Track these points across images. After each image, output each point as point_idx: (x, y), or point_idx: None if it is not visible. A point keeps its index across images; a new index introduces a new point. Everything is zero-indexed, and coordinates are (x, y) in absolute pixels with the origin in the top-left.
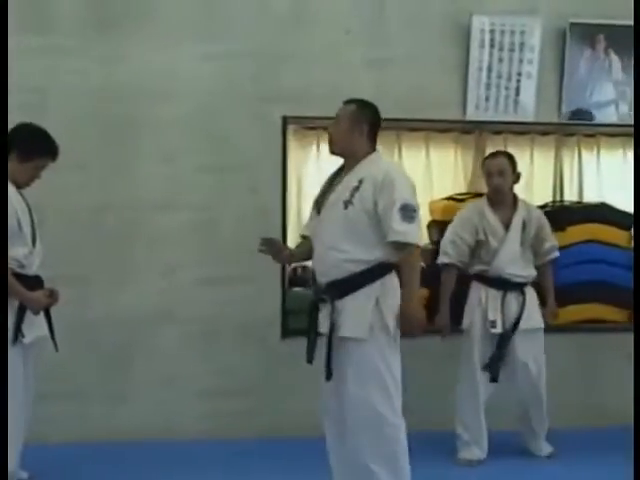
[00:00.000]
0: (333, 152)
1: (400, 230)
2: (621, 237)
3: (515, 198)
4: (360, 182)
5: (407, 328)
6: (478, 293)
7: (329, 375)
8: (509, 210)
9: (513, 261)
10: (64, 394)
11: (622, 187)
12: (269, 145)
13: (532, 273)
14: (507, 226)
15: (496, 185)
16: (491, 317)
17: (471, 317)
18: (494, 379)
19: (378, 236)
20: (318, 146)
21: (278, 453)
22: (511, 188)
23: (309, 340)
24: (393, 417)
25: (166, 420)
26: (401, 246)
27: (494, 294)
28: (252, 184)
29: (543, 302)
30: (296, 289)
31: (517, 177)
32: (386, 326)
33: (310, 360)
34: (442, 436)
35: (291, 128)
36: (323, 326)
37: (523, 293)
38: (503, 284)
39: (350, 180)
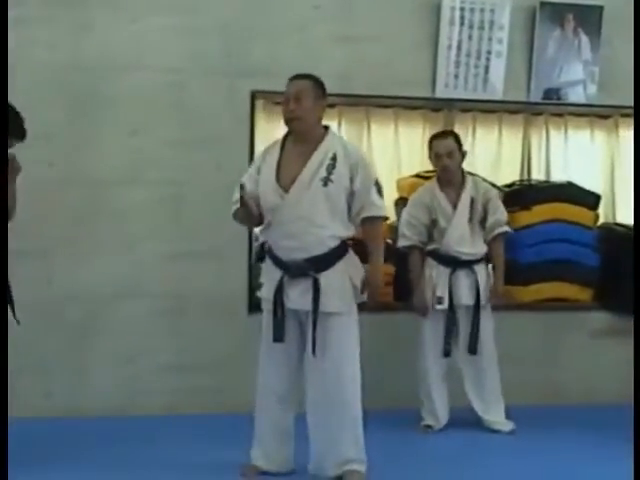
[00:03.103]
0: (296, 129)
1: (379, 205)
2: (587, 216)
3: (463, 176)
4: (333, 159)
5: (373, 295)
6: (429, 271)
7: (315, 350)
8: (458, 188)
9: (461, 239)
10: (27, 369)
11: (589, 167)
12: (237, 120)
13: (482, 250)
14: (456, 205)
15: (445, 166)
16: (438, 293)
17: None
18: (445, 354)
19: (349, 213)
20: None
21: (245, 429)
22: (459, 167)
23: (276, 318)
24: (359, 381)
25: (131, 396)
26: (377, 220)
27: (443, 271)
28: (219, 159)
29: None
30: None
31: (463, 156)
32: (355, 300)
33: (281, 338)
34: (409, 412)
35: (259, 103)
36: (297, 302)
37: (474, 271)
38: (451, 262)
39: (320, 157)
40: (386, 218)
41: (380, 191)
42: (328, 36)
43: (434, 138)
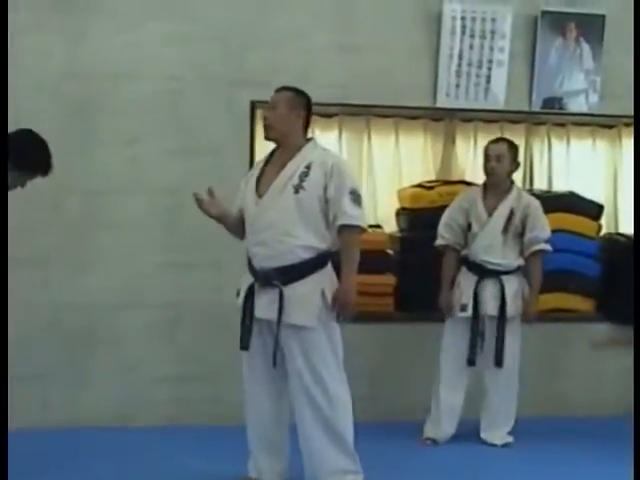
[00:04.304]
0: (269, 137)
1: (352, 214)
2: (589, 226)
3: (510, 187)
4: (308, 167)
5: (343, 312)
6: (460, 277)
7: (275, 362)
8: (500, 197)
9: (489, 248)
10: (25, 378)
11: (591, 176)
12: (236, 129)
13: (512, 262)
14: (492, 213)
15: (490, 168)
16: (463, 300)
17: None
18: (469, 362)
19: (326, 223)
20: None
21: (243, 440)
22: (508, 175)
23: (244, 325)
24: (345, 395)
25: (129, 406)
26: (350, 229)
27: (470, 278)
28: (218, 169)
29: None
30: None
31: (516, 166)
32: (333, 313)
33: (246, 347)
34: (409, 425)
35: (259, 113)
36: (264, 312)
37: (501, 281)
38: (478, 270)
39: (295, 165)
40: (363, 229)
41: (357, 200)
42: (328, 45)
43: (489, 142)
